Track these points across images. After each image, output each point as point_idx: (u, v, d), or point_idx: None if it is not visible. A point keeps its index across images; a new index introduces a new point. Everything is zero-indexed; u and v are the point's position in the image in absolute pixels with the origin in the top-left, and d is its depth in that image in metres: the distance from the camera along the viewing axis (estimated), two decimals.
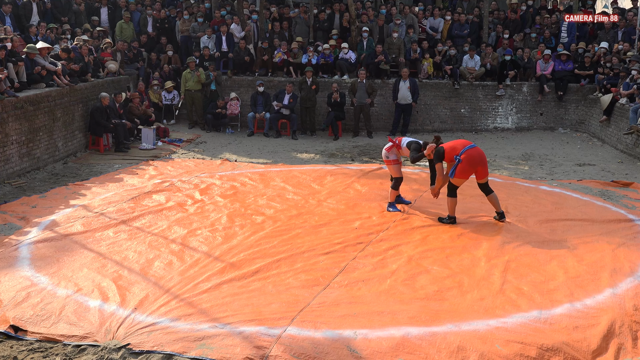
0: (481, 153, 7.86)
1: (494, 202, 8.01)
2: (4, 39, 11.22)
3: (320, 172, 10.85)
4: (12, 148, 10.10)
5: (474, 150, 7.80)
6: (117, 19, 17.07)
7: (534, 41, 16.95)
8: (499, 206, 8.03)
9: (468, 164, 7.72)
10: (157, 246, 6.97)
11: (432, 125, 16.26)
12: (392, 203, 8.55)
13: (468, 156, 7.72)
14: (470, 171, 7.81)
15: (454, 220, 7.97)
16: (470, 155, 7.74)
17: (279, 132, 15.26)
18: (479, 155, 7.80)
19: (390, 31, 16.75)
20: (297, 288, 5.82)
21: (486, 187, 7.99)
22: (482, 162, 7.82)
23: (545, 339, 4.86)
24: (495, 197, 8.01)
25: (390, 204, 8.54)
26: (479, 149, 7.88)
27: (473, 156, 7.74)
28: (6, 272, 6.17)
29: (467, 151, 7.75)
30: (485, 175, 7.91)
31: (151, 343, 4.80)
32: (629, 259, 6.71)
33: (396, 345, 4.74)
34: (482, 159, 7.83)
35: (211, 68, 15.82)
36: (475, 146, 7.87)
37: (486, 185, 7.98)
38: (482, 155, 7.85)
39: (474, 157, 7.75)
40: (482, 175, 7.90)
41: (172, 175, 10.54)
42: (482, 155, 7.85)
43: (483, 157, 7.86)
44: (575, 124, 16.17)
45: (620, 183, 10.29)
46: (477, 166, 7.79)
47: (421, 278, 6.13)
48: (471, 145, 7.85)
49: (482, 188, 8.03)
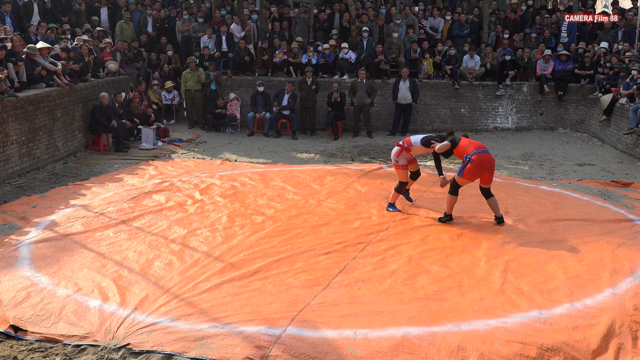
0: (491, 160, 7.80)
1: (493, 206, 7.95)
2: (4, 39, 11.22)
3: (320, 172, 10.84)
4: (12, 148, 10.10)
5: (486, 155, 7.72)
6: (117, 19, 17.08)
7: (534, 41, 16.95)
8: (498, 210, 7.97)
9: (476, 167, 7.66)
10: (157, 246, 6.97)
11: (432, 125, 16.27)
12: (392, 204, 8.55)
13: (478, 159, 7.65)
14: (477, 175, 7.74)
15: (450, 218, 7.97)
16: (481, 158, 7.66)
17: (279, 132, 15.26)
18: (488, 162, 7.73)
19: (390, 31, 16.75)
20: (297, 288, 5.82)
21: (487, 192, 7.95)
22: (490, 169, 7.76)
23: (545, 339, 4.86)
24: (494, 201, 7.95)
25: (390, 205, 8.54)
26: (490, 155, 7.82)
27: (483, 161, 7.67)
28: (6, 272, 6.17)
29: (479, 154, 7.67)
30: (490, 182, 7.88)
31: (151, 343, 4.80)
32: (629, 259, 6.71)
33: (396, 345, 4.74)
34: (491, 166, 7.77)
35: (211, 68, 15.83)
36: (488, 152, 7.81)
37: (488, 190, 7.94)
38: (491, 162, 7.78)
39: (483, 162, 7.67)
40: (487, 181, 7.85)
41: (172, 175, 10.54)
42: (491, 162, 7.78)
43: (492, 164, 7.80)
44: (575, 124, 16.17)
45: (620, 183, 10.29)
46: (484, 172, 7.72)
47: (421, 278, 6.13)
48: (485, 149, 7.79)
49: (483, 191, 7.99)
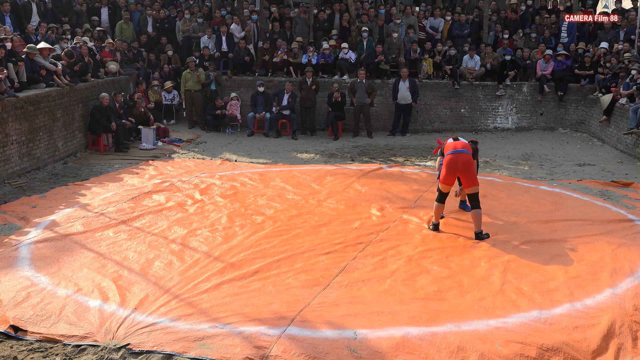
0: (464, 160, 7.26)
1: (476, 219, 7.35)
2: (4, 39, 11.21)
3: (320, 172, 10.84)
4: (12, 148, 10.10)
5: (456, 156, 7.27)
6: (117, 19, 17.07)
7: (534, 41, 16.95)
8: (479, 225, 7.34)
9: (447, 169, 7.32)
10: (157, 246, 6.97)
11: (432, 125, 16.27)
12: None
13: (448, 161, 7.32)
14: (451, 176, 7.34)
15: (436, 228, 7.60)
16: (450, 159, 7.30)
17: (279, 132, 15.26)
18: (460, 162, 7.25)
19: (390, 31, 16.76)
20: (297, 288, 5.82)
21: (473, 199, 7.33)
22: (464, 170, 7.26)
23: (545, 339, 4.86)
24: (478, 214, 7.32)
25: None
26: (464, 156, 7.28)
27: (451, 162, 7.28)
28: (6, 272, 6.17)
29: (449, 155, 7.32)
30: (471, 185, 7.31)
31: (151, 343, 4.80)
32: (629, 259, 6.71)
33: (396, 345, 4.74)
34: (465, 166, 7.25)
35: (211, 68, 15.83)
36: (462, 152, 7.30)
37: (473, 197, 7.33)
38: (465, 162, 7.25)
39: (451, 163, 7.28)
40: (466, 184, 7.34)
41: (172, 175, 10.54)
42: (465, 162, 7.25)
43: (466, 164, 7.26)
44: (575, 124, 16.17)
45: (620, 183, 10.29)
46: (457, 172, 7.30)
47: (421, 278, 6.13)
48: (459, 150, 7.32)
49: (469, 199, 7.43)
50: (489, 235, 7.42)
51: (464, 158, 7.31)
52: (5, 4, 13.86)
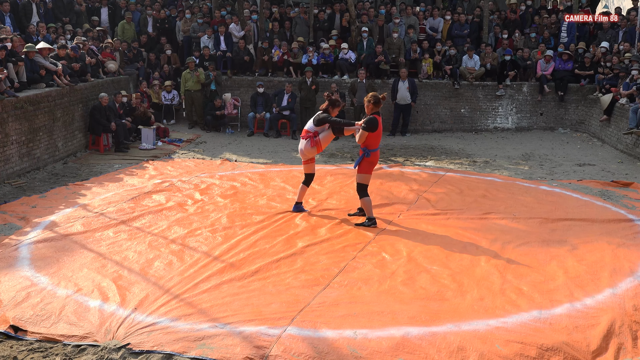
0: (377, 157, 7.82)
1: (366, 205, 7.74)
2: (4, 39, 11.22)
3: (320, 172, 10.82)
4: (12, 148, 10.10)
5: (378, 152, 7.80)
6: (117, 18, 17.08)
7: (534, 41, 16.96)
8: (371, 212, 7.74)
9: (372, 165, 7.74)
10: (157, 246, 6.97)
11: (432, 125, 16.27)
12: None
13: (375, 157, 7.72)
14: (371, 171, 7.81)
15: (373, 222, 7.71)
16: (376, 158, 7.75)
17: (279, 132, 15.26)
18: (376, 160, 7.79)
19: (390, 31, 16.76)
20: (297, 288, 5.82)
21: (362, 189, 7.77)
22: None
23: (545, 339, 4.86)
24: (368, 201, 7.75)
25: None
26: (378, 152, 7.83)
27: (375, 161, 7.77)
28: (6, 272, 6.16)
29: (377, 152, 7.74)
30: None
31: (151, 343, 4.80)
32: (629, 259, 6.71)
33: (396, 345, 4.74)
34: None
35: (211, 68, 15.83)
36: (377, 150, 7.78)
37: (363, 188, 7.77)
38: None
39: (375, 162, 7.78)
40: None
41: (172, 175, 10.54)
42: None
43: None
44: (575, 124, 16.18)
45: (620, 183, 10.29)
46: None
47: (421, 278, 6.13)
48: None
49: (359, 189, 7.84)
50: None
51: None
52: (5, 4, 13.84)
